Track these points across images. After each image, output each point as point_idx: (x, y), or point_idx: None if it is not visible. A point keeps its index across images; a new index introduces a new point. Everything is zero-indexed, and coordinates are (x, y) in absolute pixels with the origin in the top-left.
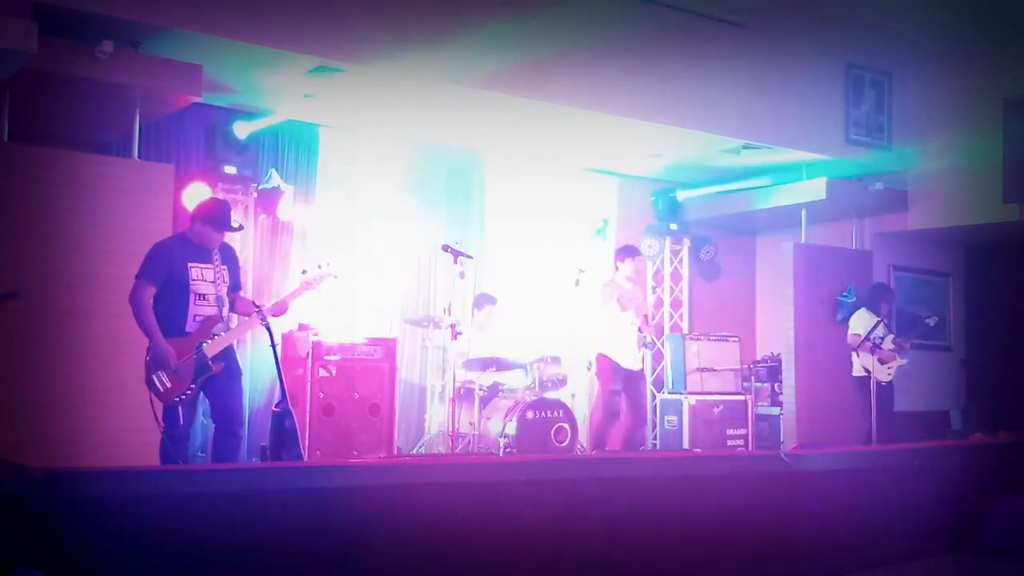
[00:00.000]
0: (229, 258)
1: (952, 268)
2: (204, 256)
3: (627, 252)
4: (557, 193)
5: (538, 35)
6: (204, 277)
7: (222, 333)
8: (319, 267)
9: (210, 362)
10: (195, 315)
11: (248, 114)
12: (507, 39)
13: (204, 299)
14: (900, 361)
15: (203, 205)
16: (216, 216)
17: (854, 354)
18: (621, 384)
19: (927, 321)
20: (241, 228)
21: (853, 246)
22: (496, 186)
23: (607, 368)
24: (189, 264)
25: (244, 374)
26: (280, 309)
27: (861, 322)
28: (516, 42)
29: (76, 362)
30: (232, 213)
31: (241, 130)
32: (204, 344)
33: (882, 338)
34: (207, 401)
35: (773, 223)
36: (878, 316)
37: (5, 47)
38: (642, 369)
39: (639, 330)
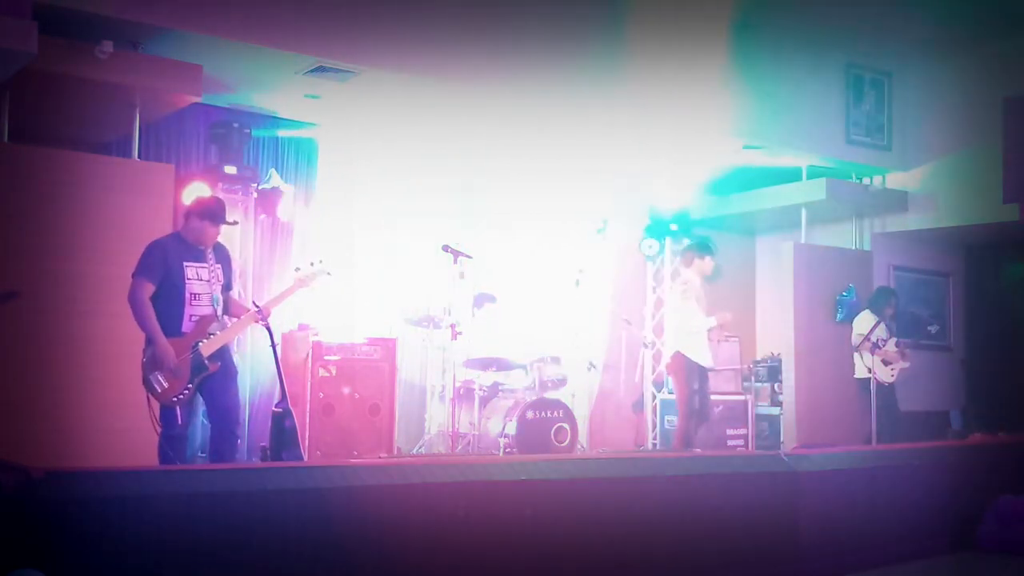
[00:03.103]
0: (223, 257)
1: (952, 268)
2: (199, 256)
3: (697, 250)
4: (557, 193)
5: (538, 35)
6: (200, 276)
7: (218, 332)
8: (312, 265)
9: (206, 361)
10: (191, 315)
11: (255, 118)
12: (507, 39)
13: (199, 298)
14: (903, 364)
15: (198, 200)
16: (212, 210)
17: (857, 356)
18: (698, 382)
19: (928, 329)
20: (235, 223)
21: (853, 246)
22: (496, 186)
23: (684, 367)
24: (184, 264)
25: (243, 374)
26: (274, 307)
27: (864, 323)
28: (516, 42)
29: (76, 362)
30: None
31: (243, 131)
32: (200, 343)
33: (885, 340)
34: (204, 402)
35: (773, 223)
36: (880, 319)
37: (5, 47)
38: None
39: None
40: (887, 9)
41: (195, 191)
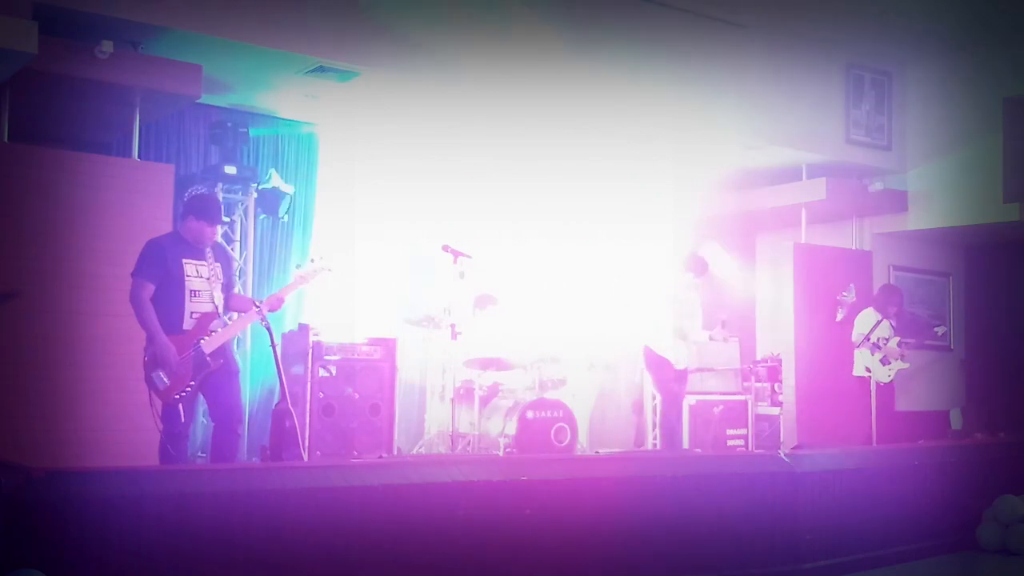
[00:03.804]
0: (222, 256)
1: (952, 268)
2: (197, 253)
3: (688, 265)
4: (557, 193)
5: (537, 36)
6: (199, 274)
7: (219, 329)
8: (311, 261)
9: (208, 358)
10: (191, 312)
11: (255, 118)
12: (507, 40)
13: (199, 296)
14: (903, 364)
15: (194, 199)
16: (208, 209)
17: (857, 353)
18: (673, 373)
19: (935, 330)
20: (228, 220)
21: (853, 246)
22: (496, 186)
23: (653, 361)
24: (183, 261)
25: (243, 372)
26: (275, 304)
27: (866, 321)
28: (516, 42)
29: (76, 362)
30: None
31: (241, 130)
32: (202, 341)
33: (887, 339)
34: (205, 401)
35: (773, 223)
36: (884, 317)
37: (5, 47)
38: (686, 368)
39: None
40: (887, 9)
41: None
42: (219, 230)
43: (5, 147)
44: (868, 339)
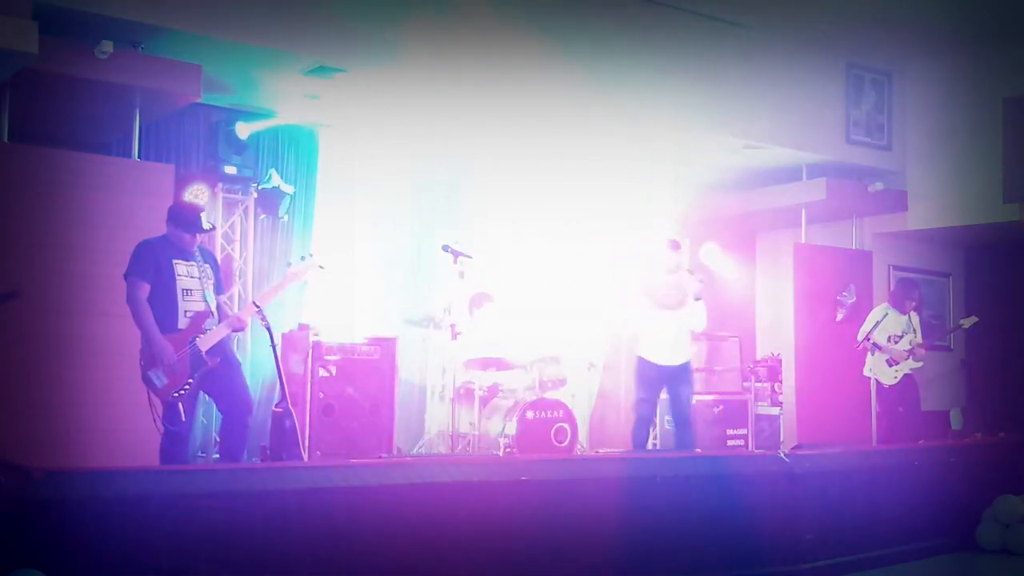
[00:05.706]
0: (210, 259)
1: (952, 268)
2: (186, 254)
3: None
4: (557, 193)
5: (537, 35)
6: (190, 274)
7: (213, 327)
8: (302, 259)
9: (204, 356)
10: (185, 311)
11: (250, 114)
12: (506, 39)
13: (191, 294)
14: (914, 363)
15: (173, 208)
16: (185, 218)
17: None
18: (646, 390)
19: (961, 322)
20: (212, 229)
21: (853, 246)
22: (496, 186)
23: (636, 371)
24: (174, 261)
25: (244, 369)
26: (268, 301)
27: (870, 319)
28: (515, 42)
29: (76, 362)
30: (202, 215)
31: (241, 130)
32: (197, 339)
33: (899, 336)
34: (210, 397)
35: (773, 223)
36: (903, 313)
37: (5, 47)
38: (685, 364)
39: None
40: (887, 9)
41: (195, 192)
42: (200, 239)
43: (5, 147)
44: (868, 339)
